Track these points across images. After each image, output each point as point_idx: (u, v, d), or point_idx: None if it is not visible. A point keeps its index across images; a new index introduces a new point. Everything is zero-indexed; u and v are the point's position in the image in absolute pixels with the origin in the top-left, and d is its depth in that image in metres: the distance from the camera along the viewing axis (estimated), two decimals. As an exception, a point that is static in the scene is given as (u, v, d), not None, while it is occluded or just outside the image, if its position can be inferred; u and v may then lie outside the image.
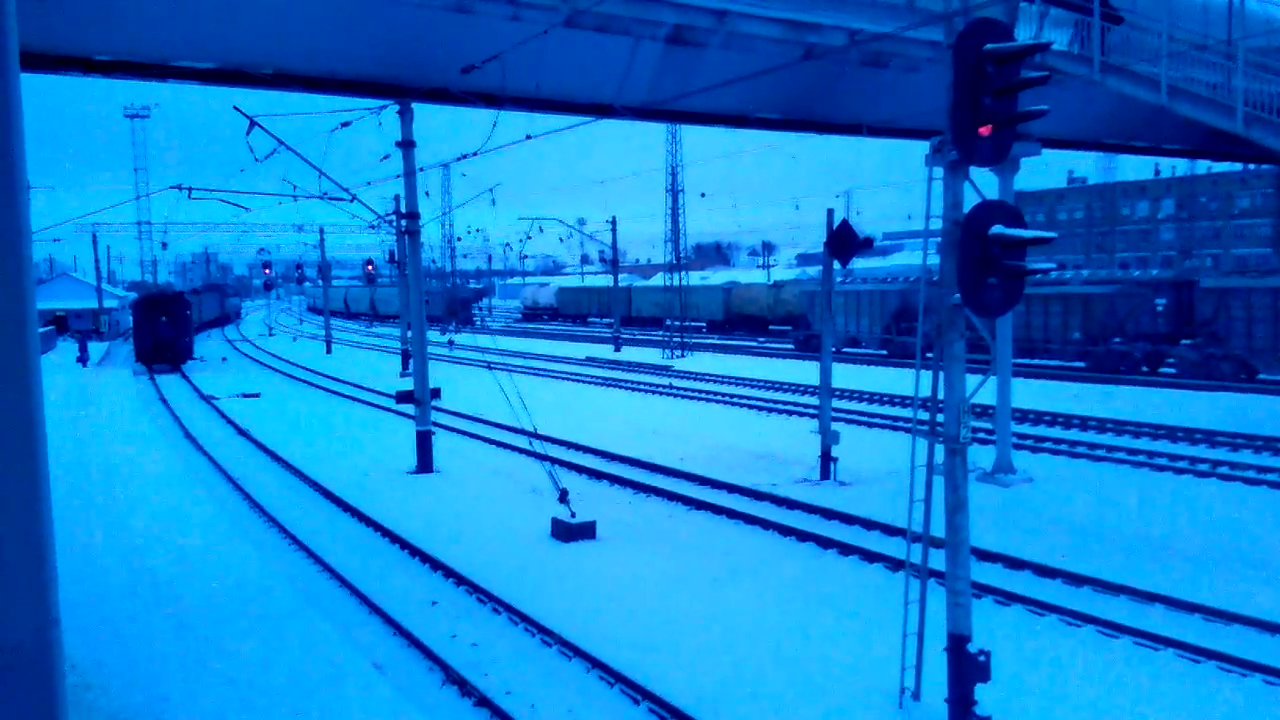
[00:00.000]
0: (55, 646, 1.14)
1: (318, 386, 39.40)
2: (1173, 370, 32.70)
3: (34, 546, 1.10)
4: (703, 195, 65.45)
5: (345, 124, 21.91)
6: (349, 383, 39.29)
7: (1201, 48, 17.41)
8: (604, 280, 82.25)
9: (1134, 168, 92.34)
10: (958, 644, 8.23)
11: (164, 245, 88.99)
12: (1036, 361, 35.10)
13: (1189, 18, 18.71)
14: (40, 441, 1.12)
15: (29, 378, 1.10)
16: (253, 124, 20.31)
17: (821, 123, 21.61)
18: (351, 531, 16.32)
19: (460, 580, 13.13)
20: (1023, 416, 24.54)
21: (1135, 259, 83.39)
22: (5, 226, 1.09)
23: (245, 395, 35.68)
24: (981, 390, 8.66)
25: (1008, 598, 11.73)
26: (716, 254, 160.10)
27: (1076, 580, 12.30)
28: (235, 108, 19.89)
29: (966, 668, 8.18)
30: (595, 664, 10.11)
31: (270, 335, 77.31)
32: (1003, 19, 8.75)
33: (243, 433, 26.94)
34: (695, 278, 70.11)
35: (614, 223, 56.50)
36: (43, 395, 1.15)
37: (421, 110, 21.58)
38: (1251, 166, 67.92)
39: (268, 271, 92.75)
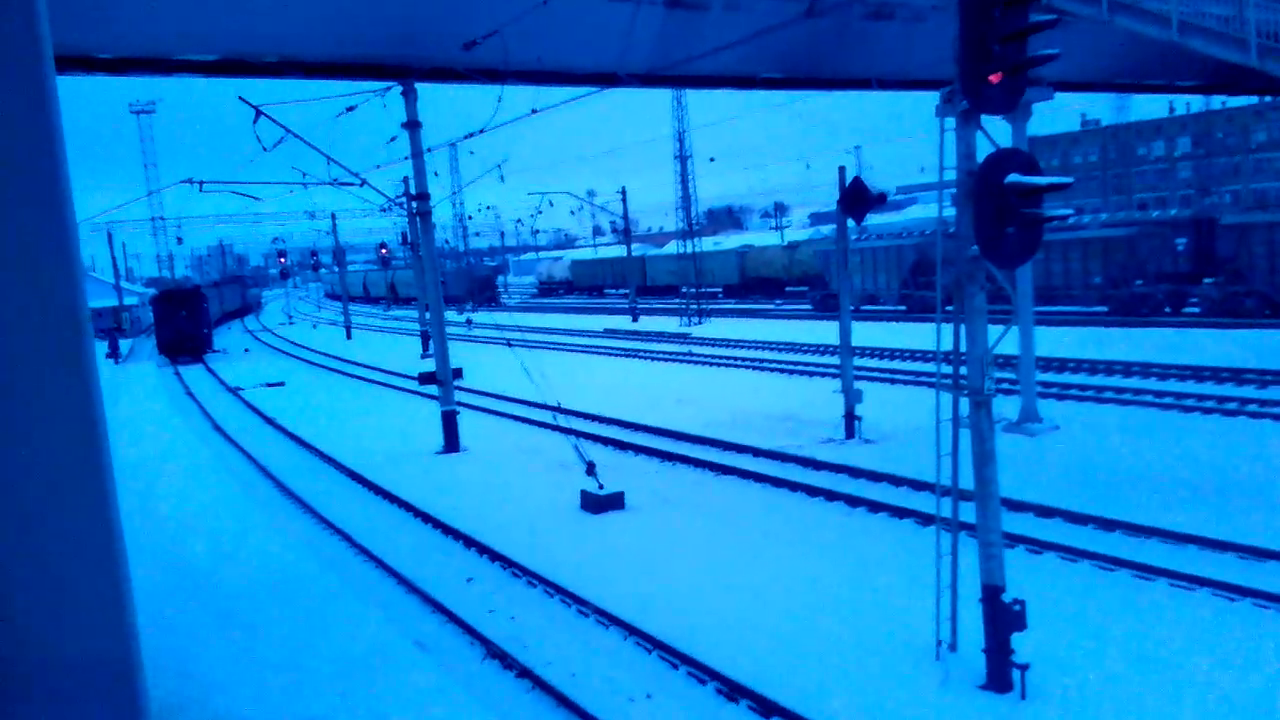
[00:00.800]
0: (136, 658, 1.18)
1: (340, 372, 39.68)
2: (1196, 310, 32.40)
3: (109, 560, 1.13)
4: (712, 160, 65.20)
5: (350, 108, 21.86)
6: (371, 367, 39.54)
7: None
8: (617, 251, 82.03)
9: (1148, 107, 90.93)
10: (992, 594, 8.28)
11: (179, 240, 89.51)
12: (1058, 308, 34.84)
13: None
14: (107, 455, 1.14)
15: (92, 392, 1.12)
16: (259, 114, 20.31)
17: (829, 79, 21.38)
18: (384, 513, 16.52)
19: (494, 556, 13.29)
20: (1046, 364, 24.40)
21: (1154, 199, 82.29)
22: (56, 235, 1.11)
23: (270, 384, 35.99)
24: (1004, 340, 8.63)
25: (1040, 546, 11.76)
26: (729, 218, 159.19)
27: (1108, 525, 12.29)
28: (240, 98, 19.89)
29: (1002, 618, 8.23)
30: (632, 631, 10.23)
31: (290, 323, 77.77)
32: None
33: (269, 421, 27.22)
34: (708, 243, 69.84)
35: (624, 193, 56.29)
36: (104, 406, 1.17)
37: (426, 90, 21.50)
38: (1268, 99, 66.65)
39: (283, 260, 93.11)
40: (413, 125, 21.91)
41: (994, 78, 8.10)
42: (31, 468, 1.09)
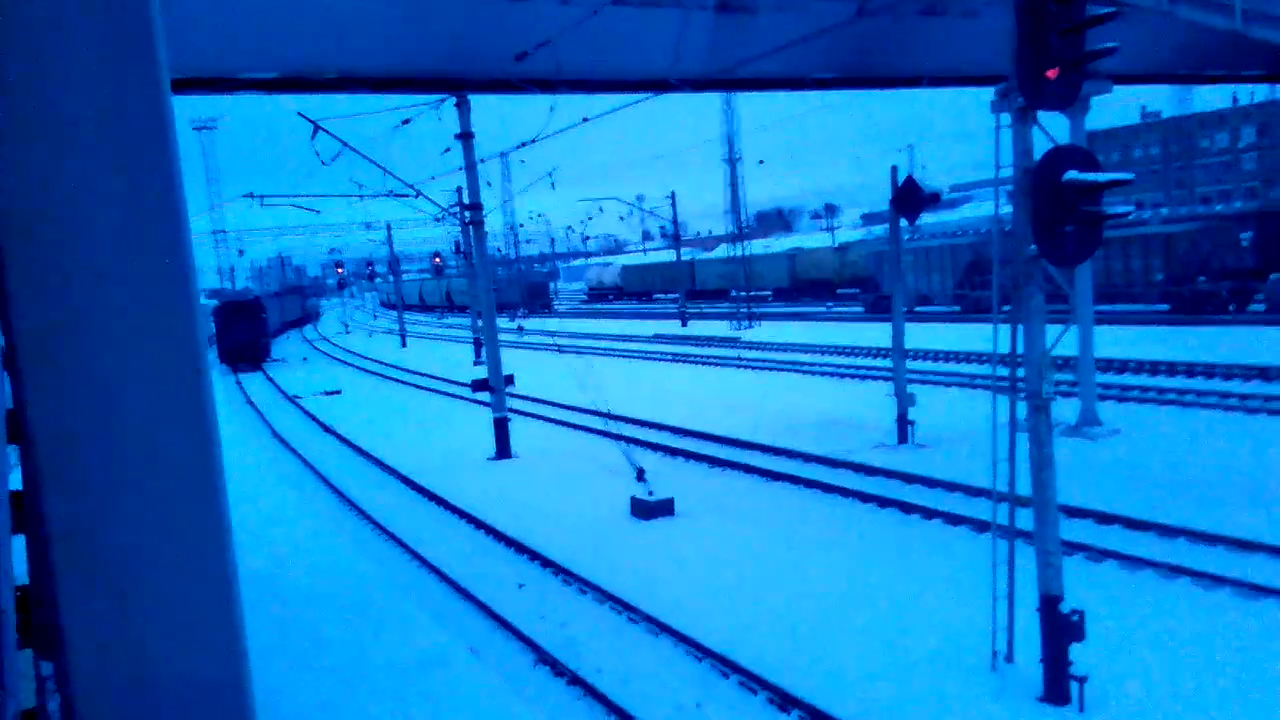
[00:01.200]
0: (247, 680, 1.20)
1: (396, 380, 40.26)
2: (1262, 307, 31.39)
3: (223, 582, 1.16)
4: (761, 162, 64.83)
5: (406, 121, 22.19)
6: (425, 374, 40.05)
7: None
8: (667, 256, 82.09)
9: (1211, 98, 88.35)
10: (1049, 604, 8.11)
11: (240, 252, 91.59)
12: (1118, 307, 34.03)
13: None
14: (221, 475, 1.18)
15: (209, 416, 1.16)
16: (317, 128, 20.74)
17: (881, 78, 21.15)
18: (437, 519, 16.71)
19: (545, 562, 13.37)
20: (1106, 366, 23.85)
21: (1217, 192, 79.97)
22: (173, 246, 1.15)
23: (327, 393, 36.66)
24: (1062, 341, 8.46)
25: (1099, 554, 11.49)
26: (778, 220, 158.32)
27: (1170, 532, 11.97)
28: (299, 113, 20.32)
29: (1059, 628, 8.06)
30: (682, 639, 10.21)
31: (347, 332, 79.15)
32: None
33: (327, 429, 27.71)
34: (758, 246, 69.57)
35: (673, 197, 56.31)
36: (219, 430, 1.21)
37: (479, 102, 21.78)
38: (1339, 87, 64.45)
39: (340, 271, 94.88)
40: (466, 137, 22.19)
41: (1051, 73, 7.96)
42: (151, 483, 1.13)
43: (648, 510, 15.12)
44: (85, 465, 1.08)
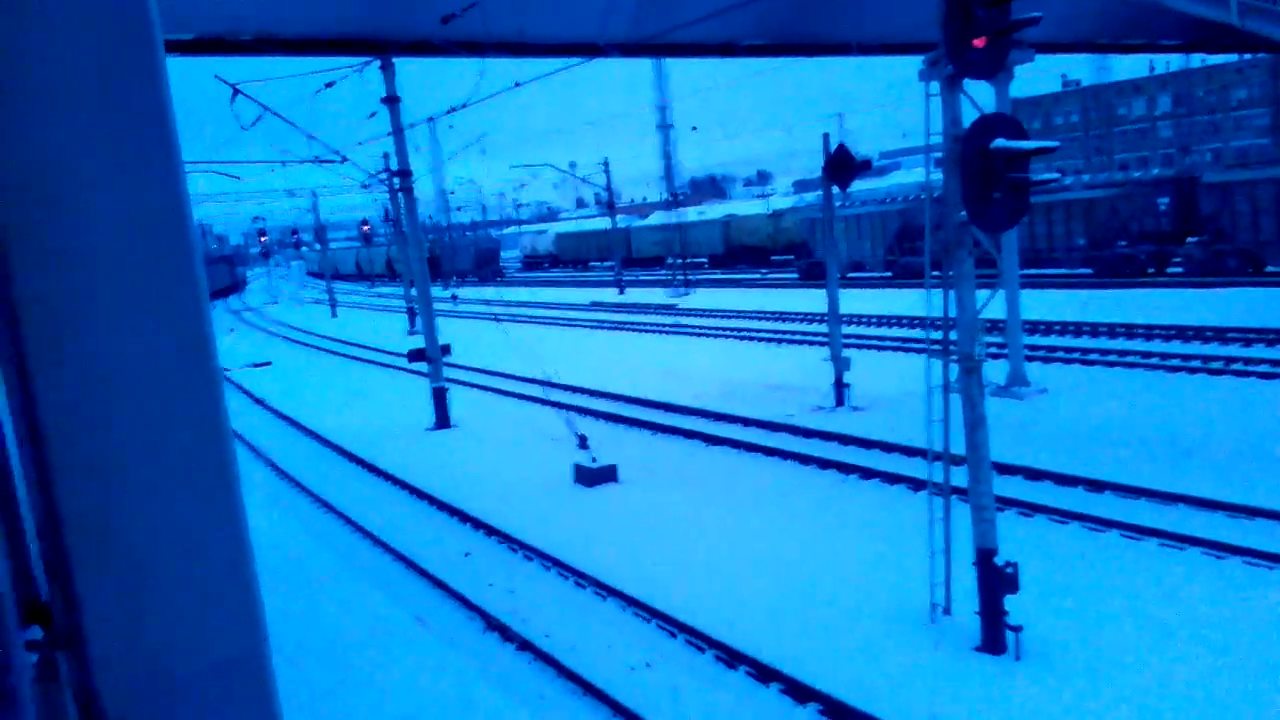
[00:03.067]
0: (267, 659, 1.20)
1: (328, 351, 39.54)
2: (1180, 269, 32.57)
3: (240, 561, 1.16)
4: (694, 129, 64.78)
5: (329, 84, 21.60)
6: (359, 345, 39.41)
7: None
8: (602, 223, 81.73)
9: (1128, 67, 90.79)
10: (985, 558, 8.40)
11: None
12: (1042, 271, 34.99)
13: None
14: (234, 455, 1.16)
15: (218, 397, 1.14)
16: (236, 92, 20.07)
17: (811, 44, 21.28)
18: (379, 491, 16.55)
19: (490, 531, 13.36)
20: (1032, 328, 24.55)
21: (1135, 159, 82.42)
22: (179, 237, 1.13)
23: (256, 365, 35.85)
24: (990, 304, 8.69)
25: (1030, 509, 11.90)
26: (712, 187, 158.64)
27: (1097, 486, 12.45)
28: (216, 76, 19.63)
29: (995, 580, 8.36)
30: (630, 601, 10.33)
31: (275, 303, 77.29)
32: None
33: (258, 401, 27.14)
34: (692, 213, 69.57)
35: (607, 164, 55.96)
36: (228, 408, 1.19)
37: (405, 65, 21.30)
38: (1247, 56, 66.70)
39: (263, 239, 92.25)
40: (392, 100, 21.71)
41: (978, 42, 8.10)
42: (165, 460, 1.11)
43: (591, 477, 15.18)
44: (97, 449, 1.07)
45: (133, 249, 1.05)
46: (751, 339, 30.44)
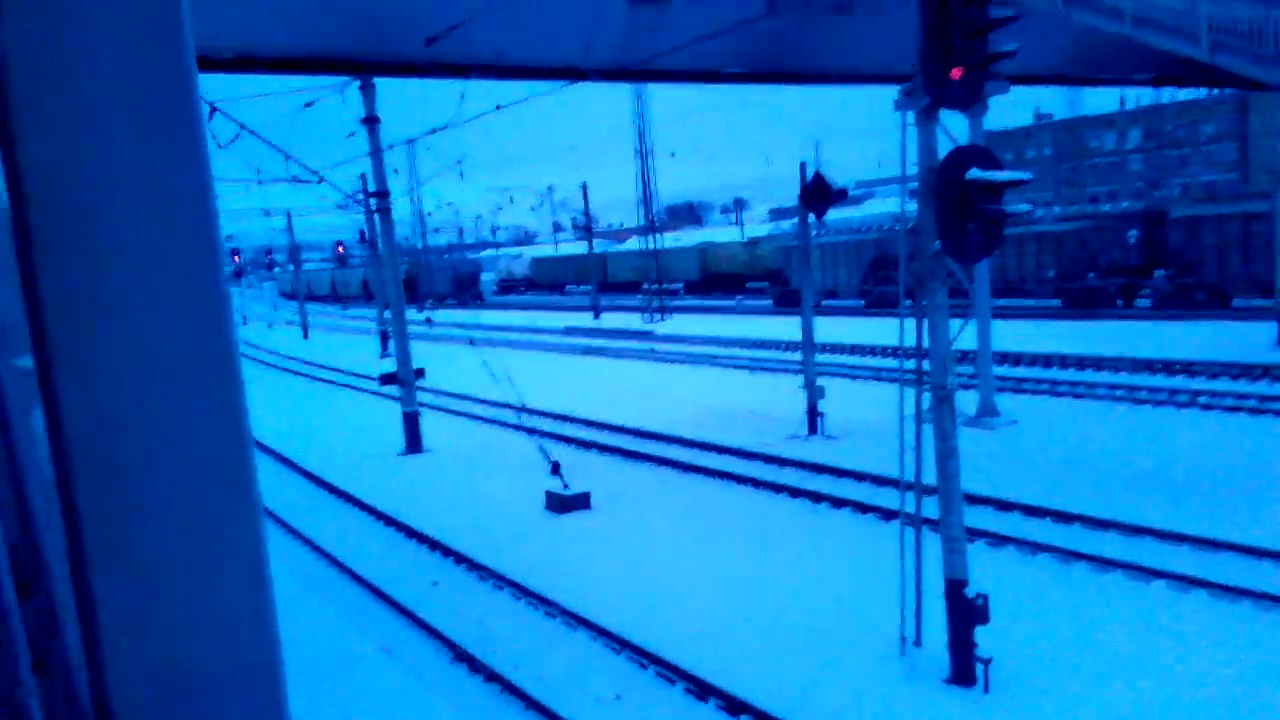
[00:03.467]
0: (280, 665, 1.16)
1: (298, 374, 39.17)
2: (1148, 302, 33.05)
3: (257, 566, 1.12)
4: (672, 155, 65.12)
5: (309, 104, 21.55)
6: (330, 368, 39.07)
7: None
8: (578, 248, 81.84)
9: (1099, 101, 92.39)
10: (955, 589, 8.38)
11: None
12: (1012, 302, 35.35)
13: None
14: (252, 458, 1.13)
15: (240, 402, 1.11)
16: (213, 110, 19.93)
17: (790, 73, 21.48)
18: (347, 516, 16.33)
19: (459, 558, 13.19)
20: (1003, 359, 24.74)
21: (1105, 192, 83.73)
22: (204, 238, 1.10)
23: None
24: (961, 335, 8.73)
25: (1000, 540, 11.93)
26: (689, 213, 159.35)
27: (1065, 518, 12.50)
28: (194, 95, 19.48)
29: (965, 612, 8.33)
30: (601, 632, 10.21)
31: (244, 324, 76.61)
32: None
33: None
34: (669, 239, 69.87)
35: (585, 189, 56.13)
36: (250, 418, 1.16)
37: (385, 86, 21.29)
38: (1215, 91, 68.11)
39: (236, 259, 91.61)
40: (371, 121, 21.67)
41: (955, 73, 8.18)
42: (187, 462, 1.08)
43: (563, 504, 15.06)
44: (118, 449, 1.04)
45: (159, 248, 1.04)
46: (727, 366, 30.48)
